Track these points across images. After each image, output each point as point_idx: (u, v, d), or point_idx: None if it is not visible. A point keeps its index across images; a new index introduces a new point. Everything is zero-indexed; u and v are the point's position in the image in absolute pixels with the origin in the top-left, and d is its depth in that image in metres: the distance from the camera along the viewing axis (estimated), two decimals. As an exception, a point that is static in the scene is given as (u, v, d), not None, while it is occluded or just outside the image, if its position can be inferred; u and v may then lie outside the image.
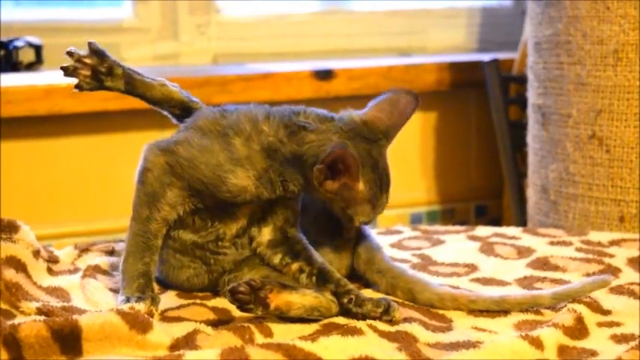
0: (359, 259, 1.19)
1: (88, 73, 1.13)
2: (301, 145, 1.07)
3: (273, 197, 1.09)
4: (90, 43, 1.13)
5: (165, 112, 1.18)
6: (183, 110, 1.17)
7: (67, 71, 1.13)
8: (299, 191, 1.10)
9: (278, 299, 1.03)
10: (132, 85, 1.15)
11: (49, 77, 1.76)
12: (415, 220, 2.09)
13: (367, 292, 1.14)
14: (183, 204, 1.09)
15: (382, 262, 1.18)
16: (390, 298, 1.11)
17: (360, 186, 1.07)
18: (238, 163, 1.07)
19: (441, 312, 1.10)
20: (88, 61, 1.13)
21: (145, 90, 1.15)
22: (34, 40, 1.87)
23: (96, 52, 1.13)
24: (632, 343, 1.01)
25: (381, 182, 1.09)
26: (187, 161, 1.08)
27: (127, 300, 1.04)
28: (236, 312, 1.05)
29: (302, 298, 1.05)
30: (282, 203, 1.12)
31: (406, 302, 1.13)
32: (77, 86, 1.14)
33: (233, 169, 1.07)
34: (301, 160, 1.07)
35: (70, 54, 1.13)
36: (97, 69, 1.13)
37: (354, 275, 1.20)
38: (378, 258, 1.19)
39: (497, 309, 1.10)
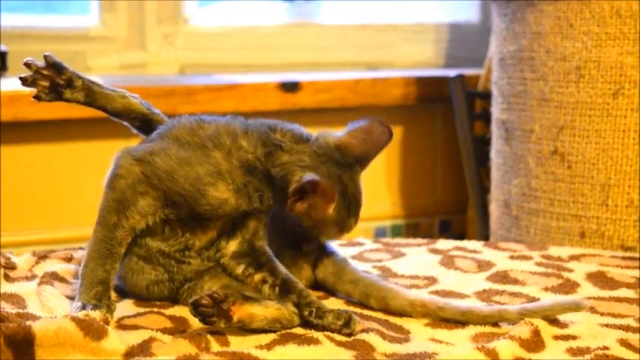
0: (326, 272, 1.20)
1: (46, 84, 1.12)
2: (275, 166, 1.07)
3: (250, 209, 1.09)
4: (46, 57, 1.12)
5: (125, 124, 1.18)
6: (144, 122, 1.17)
7: (26, 82, 1.12)
8: (273, 205, 1.10)
9: (240, 311, 1.03)
10: (92, 97, 1.14)
11: (14, 84, 1.74)
12: (379, 234, 2.09)
13: (329, 304, 1.14)
14: (155, 214, 1.08)
15: (353, 272, 1.19)
16: (358, 310, 1.12)
17: (329, 210, 1.07)
18: (220, 177, 1.07)
19: (399, 323, 1.11)
20: (45, 72, 1.12)
21: (106, 102, 1.15)
22: (-1, 46, 1.86)
23: (53, 65, 1.12)
24: (588, 357, 1.01)
25: (349, 207, 1.10)
26: (165, 173, 1.07)
27: (83, 307, 1.03)
28: (193, 320, 1.04)
29: (264, 310, 1.04)
30: (253, 217, 1.12)
31: (379, 310, 1.14)
32: (36, 96, 1.13)
33: (214, 182, 1.07)
34: (274, 180, 1.07)
35: (27, 65, 1.12)
36: (55, 81, 1.12)
37: (316, 287, 1.21)
38: (349, 269, 1.20)
39: (463, 320, 1.11)
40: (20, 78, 1.12)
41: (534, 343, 1.04)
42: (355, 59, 2.22)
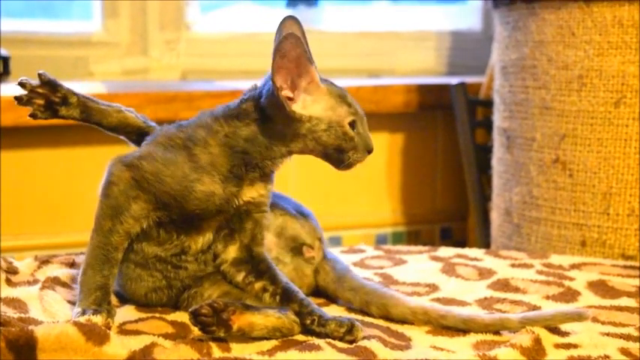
0: (327, 279, 1.21)
1: (42, 102, 1.13)
2: (250, 114, 1.09)
3: (243, 202, 1.10)
4: (40, 75, 1.13)
5: (122, 137, 1.19)
6: (140, 135, 1.17)
7: (22, 101, 1.13)
8: (279, 159, 1.11)
9: (240, 320, 1.03)
10: (87, 113, 1.15)
11: (15, 89, 1.74)
12: (381, 241, 2.09)
13: (330, 311, 1.14)
14: (148, 217, 1.09)
15: (354, 280, 1.20)
16: (359, 317, 1.12)
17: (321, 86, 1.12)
18: (203, 171, 1.08)
19: (400, 330, 1.11)
20: (40, 90, 1.13)
21: (101, 117, 1.16)
22: (1, 51, 1.86)
23: (47, 83, 1.13)
24: (589, 365, 1.02)
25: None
26: (153, 175, 1.08)
27: (83, 312, 1.04)
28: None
29: (265, 319, 1.05)
30: (250, 218, 1.12)
31: (380, 317, 1.14)
32: (32, 115, 1.14)
33: (199, 177, 1.08)
34: (264, 123, 1.09)
35: (22, 85, 1.12)
36: (51, 99, 1.13)
37: (317, 293, 1.21)
38: (349, 277, 1.20)
39: (464, 328, 1.11)
40: (15, 97, 1.13)
41: (535, 351, 1.04)
42: (357, 66, 2.22)
